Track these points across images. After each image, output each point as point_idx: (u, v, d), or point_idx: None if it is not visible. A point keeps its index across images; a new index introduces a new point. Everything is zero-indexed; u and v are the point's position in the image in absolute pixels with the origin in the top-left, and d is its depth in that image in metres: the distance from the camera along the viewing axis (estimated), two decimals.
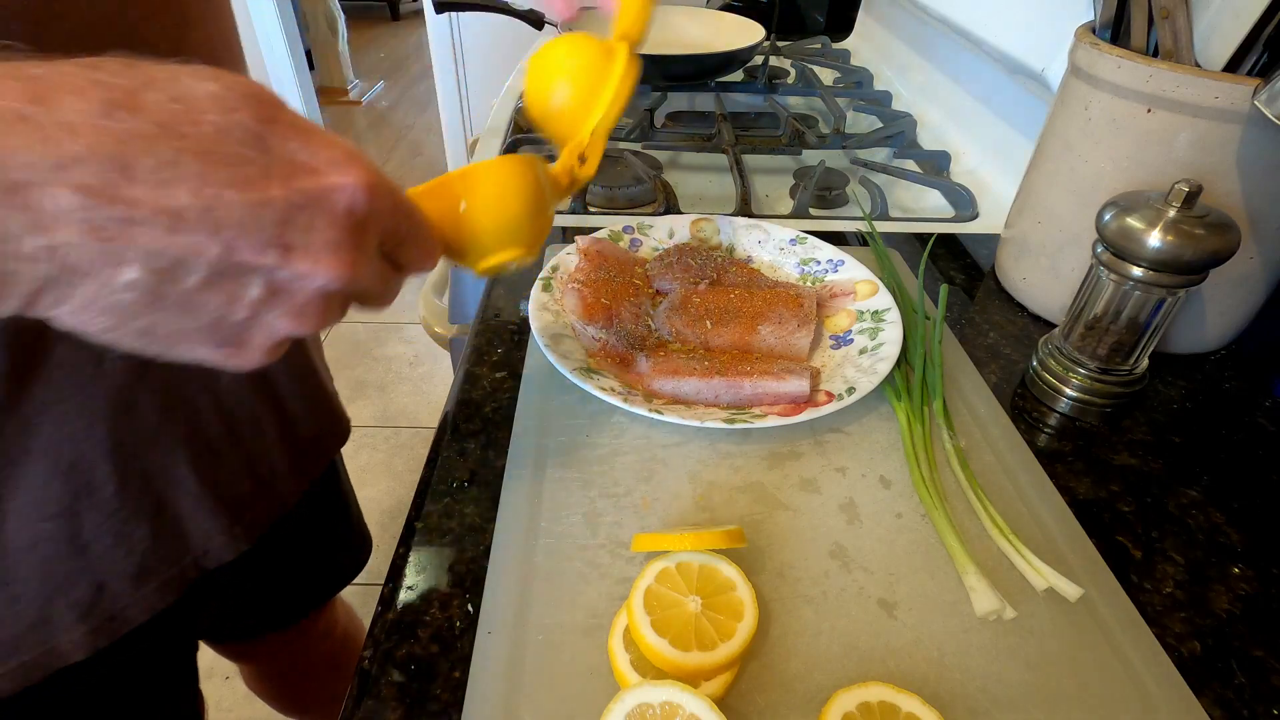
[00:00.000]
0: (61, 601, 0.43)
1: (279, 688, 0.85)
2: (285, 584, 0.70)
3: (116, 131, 0.21)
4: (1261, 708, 0.37)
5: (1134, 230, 0.48)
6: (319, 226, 0.25)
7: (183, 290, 0.24)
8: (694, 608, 0.36)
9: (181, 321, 0.25)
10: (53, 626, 0.43)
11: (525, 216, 0.38)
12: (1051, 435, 0.53)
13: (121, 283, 0.23)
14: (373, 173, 0.27)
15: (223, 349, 0.26)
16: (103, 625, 0.45)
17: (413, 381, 2.02)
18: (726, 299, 0.58)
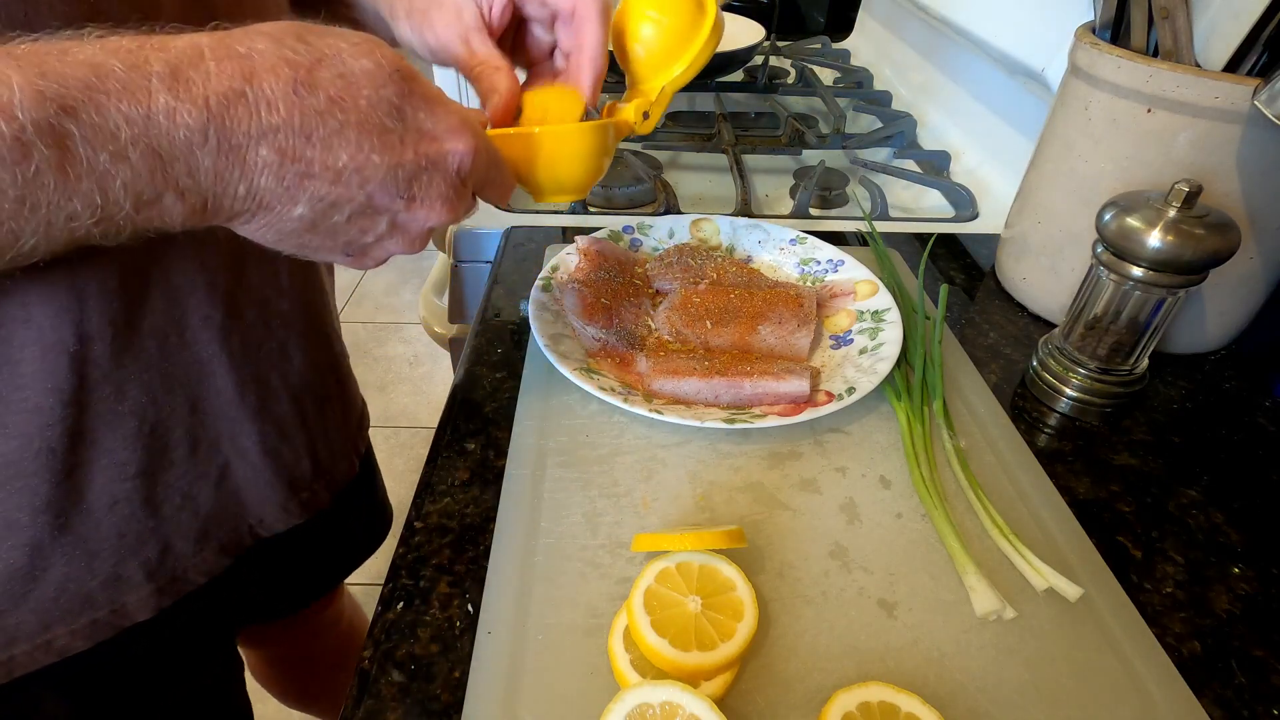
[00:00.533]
0: (133, 561, 0.45)
1: (285, 676, 0.86)
2: (312, 560, 0.71)
3: (301, 106, 0.29)
4: (1261, 708, 0.37)
5: (1134, 230, 0.48)
6: (435, 183, 0.34)
7: (332, 223, 0.32)
8: (694, 608, 0.36)
9: (325, 241, 0.33)
10: (123, 585, 0.45)
11: (590, 176, 0.45)
12: (1051, 435, 0.53)
13: (293, 216, 0.31)
14: (478, 137, 0.35)
15: (349, 258, 0.36)
16: (167, 585, 0.47)
17: (413, 381, 2.02)
18: (726, 299, 0.58)
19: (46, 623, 0.43)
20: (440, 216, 0.35)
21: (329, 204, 0.31)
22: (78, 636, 0.44)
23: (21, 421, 0.38)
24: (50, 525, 0.41)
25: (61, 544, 0.42)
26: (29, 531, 0.40)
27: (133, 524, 0.44)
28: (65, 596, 0.43)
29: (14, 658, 0.43)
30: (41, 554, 0.41)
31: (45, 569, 0.42)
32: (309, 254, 0.35)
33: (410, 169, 0.32)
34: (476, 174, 0.36)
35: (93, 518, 0.42)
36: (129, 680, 0.50)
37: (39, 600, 0.42)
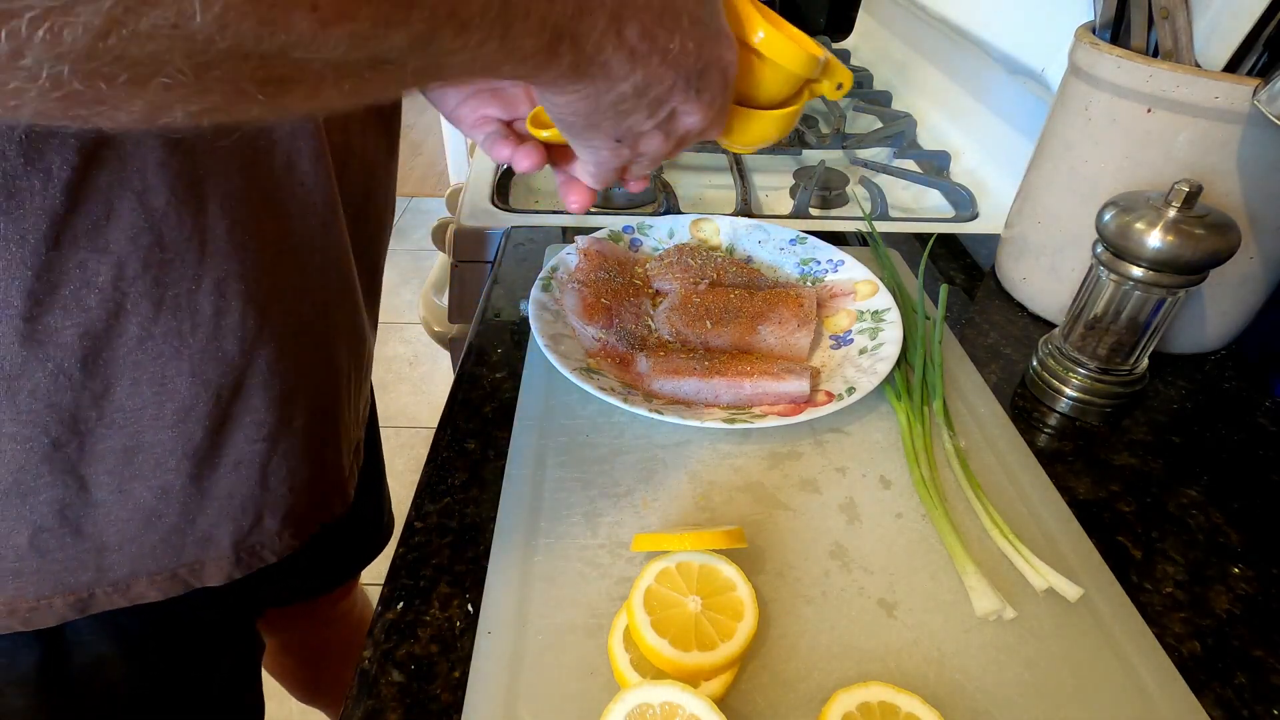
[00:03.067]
0: (227, 525, 0.47)
1: (295, 666, 0.87)
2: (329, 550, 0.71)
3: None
4: (1261, 708, 0.37)
5: (1134, 230, 0.48)
6: (714, 84, 0.36)
7: (635, 103, 0.34)
8: (694, 608, 0.36)
9: (615, 121, 0.35)
10: (210, 546, 0.47)
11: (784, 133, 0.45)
12: (1051, 435, 0.53)
13: (618, 90, 0.33)
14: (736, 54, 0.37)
15: (613, 144, 0.37)
16: (244, 556, 0.49)
17: (413, 381, 2.02)
18: (726, 299, 0.58)
19: (135, 569, 0.45)
20: (708, 117, 0.37)
21: (647, 83, 0.33)
22: (154, 586, 0.46)
23: (209, 369, 0.41)
24: (186, 474, 0.43)
25: (186, 494, 0.44)
26: (169, 476, 0.43)
27: (243, 488, 0.46)
28: (163, 546, 0.45)
29: (94, 595, 0.44)
30: (167, 499, 0.43)
31: (163, 515, 0.44)
32: (588, 134, 0.36)
33: (705, 62, 0.34)
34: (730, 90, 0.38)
35: (218, 473, 0.45)
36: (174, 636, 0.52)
37: (141, 545, 0.44)
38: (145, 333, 0.38)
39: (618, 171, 0.41)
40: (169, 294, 0.38)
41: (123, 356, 0.38)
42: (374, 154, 0.52)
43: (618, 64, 0.31)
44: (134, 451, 0.41)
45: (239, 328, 0.41)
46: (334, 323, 0.50)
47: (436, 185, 3.02)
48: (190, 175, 0.36)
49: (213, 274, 0.39)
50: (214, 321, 0.40)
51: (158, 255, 0.37)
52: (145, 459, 0.42)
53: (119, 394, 0.39)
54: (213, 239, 0.38)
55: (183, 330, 0.39)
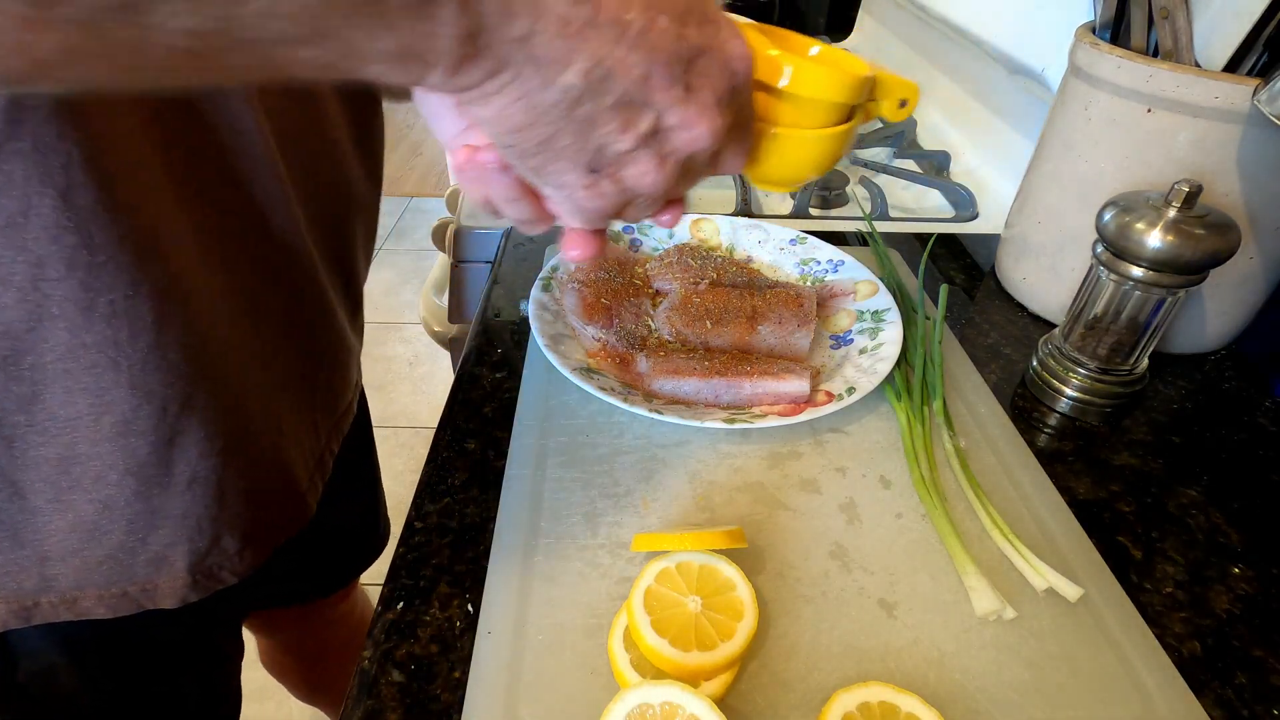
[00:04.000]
0: (182, 546, 0.45)
1: (296, 666, 0.87)
2: (324, 556, 0.71)
3: None
4: (1261, 708, 0.37)
5: (1134, 230, 0.48)
6: (715, 75, 0.28)
7: (596, 106, 0.26)
8: (694, 608, 0.36)
9: (576, 138, 0.27)
10: (164, 568, 0.45)
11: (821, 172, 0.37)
12: (1051, 435, 0.53)
13: (561, 83, 0.25)
14: (751, 49, 0.29)
15: (588, 176, 0.29)
16: (201, 579, 0.47)
17: (413, 381, 2.02)
18: (726, 299, 0.58)
19: (81, 583, 0.43)
20: (708, 126, 0.28)
21: (604, 72, 0.25)
22: (102, 604, 0.44)
23: (153, 380, 0.38)
24: (132, 490, 0.41)
25: (131, 510, 0.42)
26: (112, 490, 0.40)
27: (198, 507, 0.44)
28: (111, 563, 0.43)
29: (39, 605, 0.43)
30: (111, 515, 0.41)
31: (108, 531, 0.42)
32: (546, 164, 0.28)
33: (694, 46, 0.27)
34: (742, 99, 0.30)
35: (169, 492, 0.42)
36: (132, 651, 0.50)
37: (86, 560, 0.42)
38: (75, 340, 0.36)
39: (605, 215, 0.31)
40: (101, 300, 0.35)
41: (51, 363, 0.36)
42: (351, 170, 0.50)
43: (545, 41, 0.24)
44: (70, 462, 0.39)
45: (184, 334, 0.39)
46: (268, 320, 0.47)
47: (436, 185, 3.02)
48: (114, 172, 0.34)
49: (152, 279, 0.36)
50: (155, 330, 0.37)
51: (85, 258, 0.34)
52: (84, 471, 0.39)
53: (50, 401, 0.37)
54: (151, 241, 0.36)
55: (119, 339, 0.36)
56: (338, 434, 0.61)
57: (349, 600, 0.83)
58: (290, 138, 0.43)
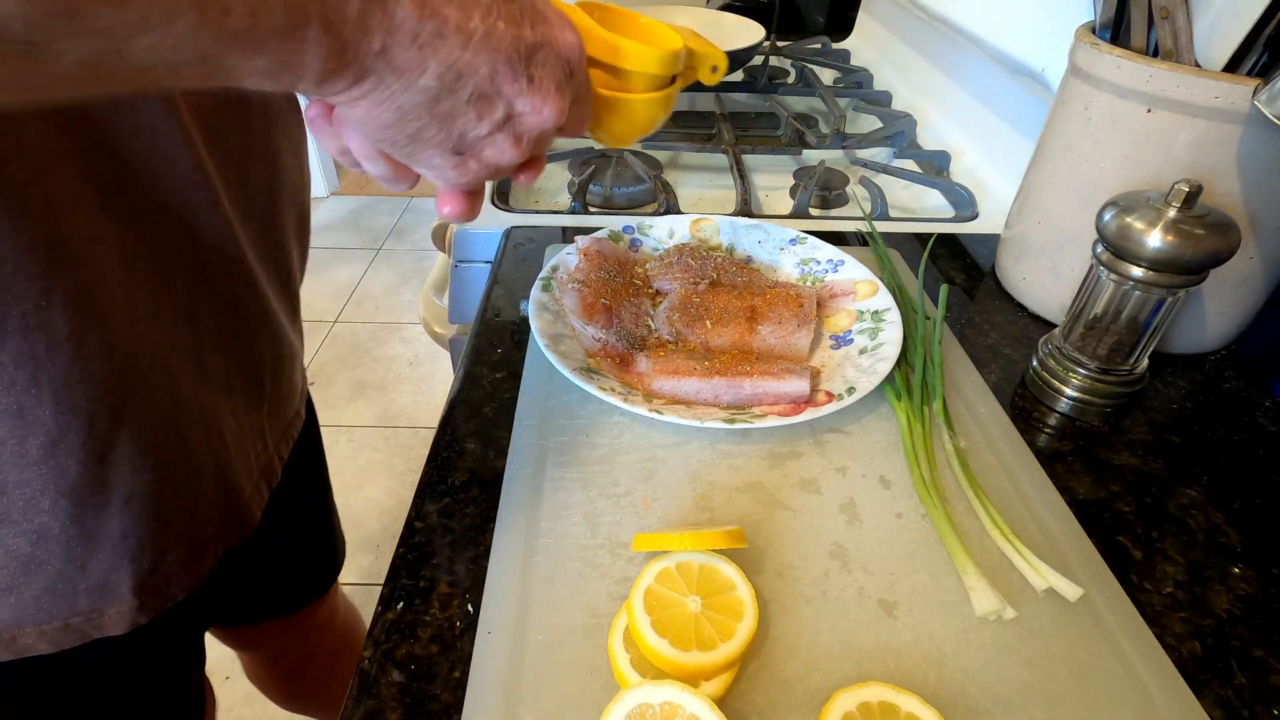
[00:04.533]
0: (126, 568, 0.43)
1: (280, 678, 0.86)
2: (284, 569, 0.71)
3: None
4: (1261, 708, 0.37)
5: (1134, 230, 0.48)
6: (551, 66, 0.32)
7: (453, 101, 0.30)
8: (694, 608, 0.36)
9: (439, 129, 0.31)
10: (107, 593, 0.43)
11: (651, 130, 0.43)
12: (1051, 435, 0.53)
13: (420, 85, 0.29)
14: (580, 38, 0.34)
15: (455, 158, 0.33)
16: (147, 600, 0.45)
17: (413, 381, 2.02)
18: (726, 299, 0.58)
19: (18, 619, 0.41)
20: (552, 108, 0.33)
21: (456, 73, 0.29)
22: (44, 640, 0.42)
23: (77, 394, 0.37)
24: (66, 513, 0.39)
25: (68, 536, 0.40)
26: (44, 518, 0.39)
27: (139, 524, 0.43)
28: (49, 596, 0.41)
29: None
30: (46, 545, 0.40)
31: (43, 563, 0.40)
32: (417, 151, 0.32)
33: (530, 45, 0.31)
34: (579, 76, 0.34)
35: (105, 512, 0.41)
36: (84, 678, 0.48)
37: (22, 596, 0.41)
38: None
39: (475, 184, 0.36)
40: (13, 313, 0.34)
41: None
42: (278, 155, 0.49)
43: (400, 51, 0.27)
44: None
45: (106, 345, 0.37)
46: (207, 331, 0.45)
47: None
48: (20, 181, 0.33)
49: (64, 288, 0.35)
50: (74, 341, 0.36)
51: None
52: (12, 500, 0.38)
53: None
54: (62, 248, 0.34)
55: (37, 353, 0.35)
56: (287, 440, 0.60)
57: (326, 608, 0.81)
58: (216, 134, 0.42)
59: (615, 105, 0.40)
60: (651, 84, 0.40)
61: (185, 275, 0.42)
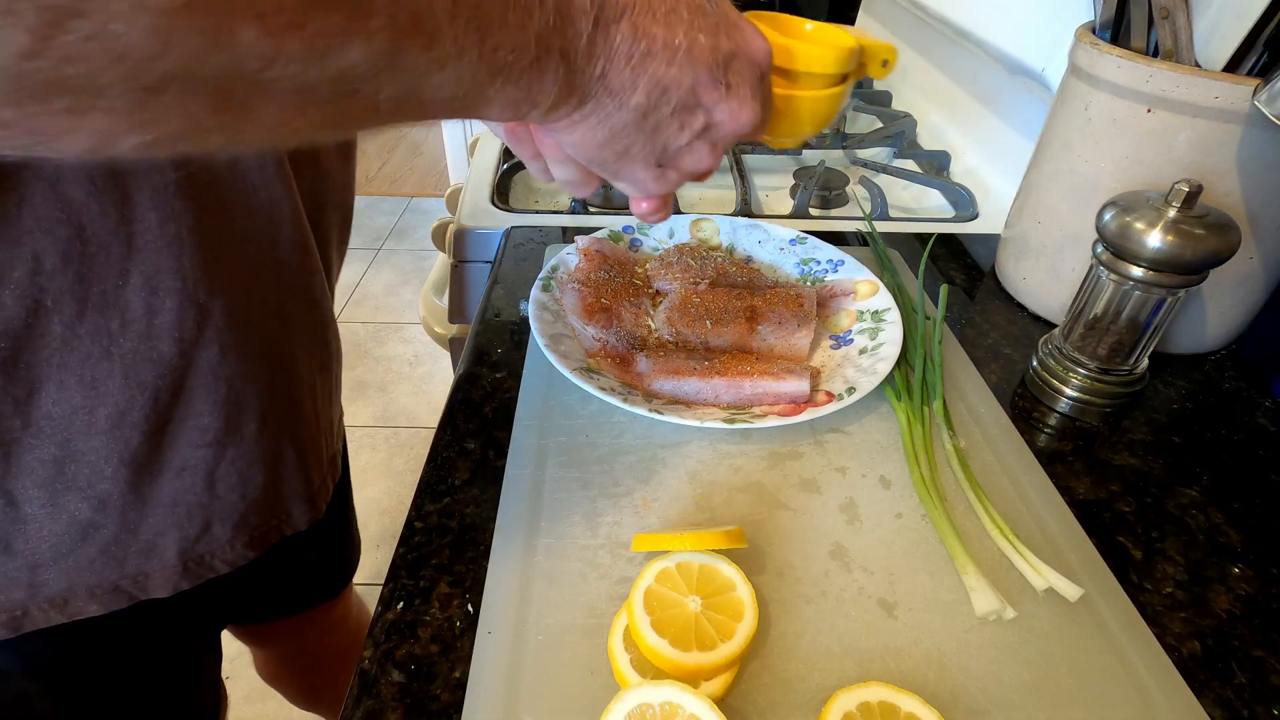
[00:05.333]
0: (173, 534, 0.45)
1: (292, 674, 0.86)
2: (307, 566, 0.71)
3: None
4: (1261, 708, 0.37)
5: (1134, 230, 0.48)
6: (746, 72, 0.33)
7: (659, 116, 0.32)
8: (694, 608, 0.36)
9: (646, 143, 0.33)
10: (154, 556, 0.45)
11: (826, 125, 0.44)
12: (1051, 435, 0.53)
13: (632, 104, 0.31)
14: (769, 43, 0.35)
15: (657, 170, 0.35)
16: (192, 566, 0.47)
17: (413, 381, 2.02)
18: (726, 299, 0.58)
19: (72, 584, 0.43)
20: (749, 113, 0.34)
21: (662, 88, 0.31)
22: (93, 600, 0.44)
23: (143, 370, 0.39)
24: (126, 481, 0.42)
25: (125, 502, 0.42)
26: (106, 484, 0.41)
27: (189, 495, 0.45)
28: (103, 559, 0.43)
29: (29, 612, 0.43)
30: (105, 510, 0.42)
31: (101, 526, 0.42)
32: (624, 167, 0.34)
33: (727, 53, 0.32)
34: (766, 84, 0.36)
35: (160, 479, 0.43)
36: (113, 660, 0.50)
37: (79, 558, 0.42)
38: (70, 332, 0.36)
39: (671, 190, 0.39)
40: (94, 290, 0.36)
41: (46, 359, 0.36)
42: (328, 157, 0.50)
43: (616, 73, 0.29)
44: (65, 461, 0.39)
45: (175, 327, 0.39)
46: (290, 324, 0.48)
47: (436, 185, 3.02)
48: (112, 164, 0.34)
49: (142, 269, 0.37)
50: (145, 320, 0.38)
51: (79, 249, 0.35)
52: (79, 469, 0.40)
53: (45, 400, 0.37)
54: (142, 232, 0.36)
55: (111, 329, 0.37)
56: (340, 435, 0.62)
57: (342, 606, 0.82)
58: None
59: (792, 105, 0.41)
60: (825, 83, 0.41)
61: (272, 272, 0.44)
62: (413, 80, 0.23)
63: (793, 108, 0.41)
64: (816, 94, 0.41)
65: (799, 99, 0.41)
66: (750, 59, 0.33)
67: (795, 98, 0.41)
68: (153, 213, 0.36)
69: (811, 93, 0.41)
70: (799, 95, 0.41)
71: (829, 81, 0.41)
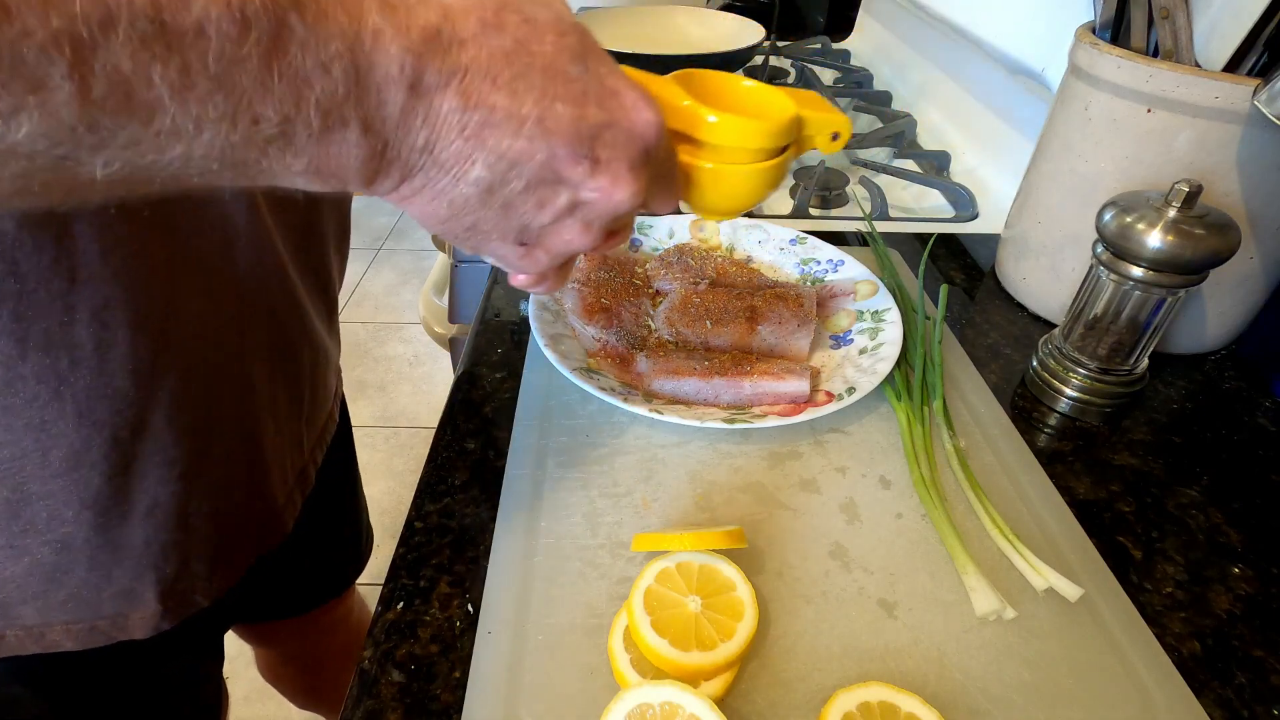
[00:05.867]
0: (149, 576, 0.44)
1: (293, 674, 0.86)
2: (313, 567, 0.71)
3: (489, 47, 0.25)
4: (1261, 708, 0.37)
5: (1134, 230, 0.48)
6: (621, 145, 0.29)
7: (508, 192, 0.28)
8: (694, 608, 0.36)
9: (499, 221, 0.29)
10: (132, 600, 0.44)
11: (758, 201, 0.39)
12: (1051, 435, 0.53)
13: (470, 178, 0.27)
14: (660, 113, 0.30)
15: (520, 248, 0.31)
16: (173, 606, 0.46)
17: (413, 381, 2.02)
18: (726, 299, 0.58)
19: (47, 619, 0.42)
20: (624, 190, 0.30)
21: (509, 163, 0.27)
22: (70, 638, 0.43)
23: (99, 408, 0.37)
24: (90, 524, 0.40)
25: (91, 546, 0.41)
26: (68, 528, 0.39)
27: (162, 534, 0.43)
28: (75, 601, 0.42)
29: (4, 638, 0.42)
30: (70, 553, 0.40)
31: (68, 570, 0.41)
32: (479, 243, 0.31)
33: (595, 124, 0.28)
34: (658, 155, 0.31)
35: (129, 522, 0.41)
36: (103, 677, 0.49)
37: (49, 601, 0.41)
38: (11, 374, 0.34)
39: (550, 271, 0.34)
40: (34, 329, 0.34)
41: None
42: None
43: (444, 146, 0.26)
44: (21, 504, 0.38)
45: (129, 360, 0.37)
46: (251, 340, 0.45)
47: None
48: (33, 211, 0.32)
49: (89, 303, 0.35)
50: (97, 356, 0.36)
51: (13, 286, 0.33)
52: (37, 512, 0.38)
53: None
54: (85, 265, 0.34)
55: (59, 369, 0.35)
56: (321, 446, 0.60)
57: (344, 605, 0.82)
58: None
59: (713, 178, 0.36)
60: (753, 155, 0.36)
61: (221, 292, 0.42)
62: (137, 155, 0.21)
63: (714, 182, 0.36)
64: (742, 168, 0.36)
65: (720, 173, 0.36)
66: (630, 131, 0.29)
67: (717, 171, 0.36)
68: (94, 243, 0.34)
69: (735, 166, 0.36)
70: (721, 169, 0.36)
71: (759, 155, 0.36)
